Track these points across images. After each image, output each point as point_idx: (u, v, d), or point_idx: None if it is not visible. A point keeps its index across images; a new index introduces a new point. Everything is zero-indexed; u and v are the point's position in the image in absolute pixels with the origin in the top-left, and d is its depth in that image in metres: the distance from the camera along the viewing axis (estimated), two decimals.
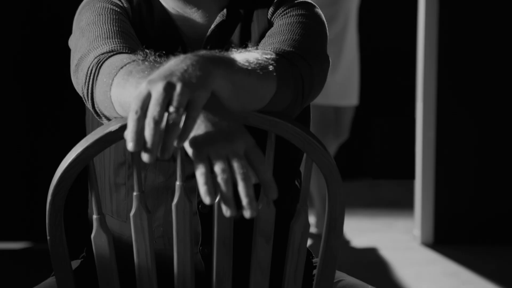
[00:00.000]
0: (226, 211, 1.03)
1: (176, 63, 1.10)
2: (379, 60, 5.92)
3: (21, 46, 4.05)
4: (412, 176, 4.66)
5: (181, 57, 1.12)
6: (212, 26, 1.50)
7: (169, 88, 1.05)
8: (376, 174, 5.12)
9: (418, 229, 4.36)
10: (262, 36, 1.50)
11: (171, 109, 1.04)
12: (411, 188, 4.98)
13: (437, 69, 4.23)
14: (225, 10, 1.50)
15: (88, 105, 1.37)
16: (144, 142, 1.03)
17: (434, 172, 4.28)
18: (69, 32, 1.54)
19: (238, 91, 1.18)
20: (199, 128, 1.08)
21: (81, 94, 1.40)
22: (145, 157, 1.03)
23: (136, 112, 1.04)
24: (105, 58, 1.34)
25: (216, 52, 1.19)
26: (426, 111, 4.26)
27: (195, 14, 1.51)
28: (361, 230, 4.63)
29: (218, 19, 1.50)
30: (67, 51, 1.53)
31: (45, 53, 4.04)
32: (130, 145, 1.03)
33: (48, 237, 1.29)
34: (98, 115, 1.37)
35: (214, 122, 1.09)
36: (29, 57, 4.05)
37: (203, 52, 1.16)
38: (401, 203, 5.35)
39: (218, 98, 1.13)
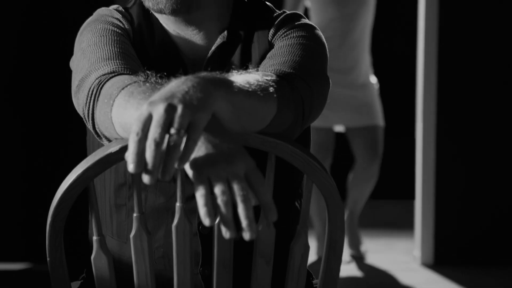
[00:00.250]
0: (226, 233, 1.03)
1: (177, 85, 1.11)
2: (378, 80, 5.94)
3: (19, 65, 4.06)
4: (412, 196, 4.65)
5: (182, 78, 1.13)
6: (213, 48, 1.51)
7: (170, 110, 1.05)
8: (376, 195, 5.11)
9: (419, 250, 4.35)
10: (262, 57, 1.50)
11: (172, 131, 1.04)
12: (411, 208, 4.97)
13: (437, 89, 4.23)
14: (225, 32, 1.51)
15: (89, 125, 1.38)
16: (145, 163, 1.03)
17: (434, 193, 4.28)
18: (71, 50, 1.55)
19: (239, 113, 1.18)
20: (200, 149, 1.08)
21: (81, 115, 1.40)
22: (145, 178, 1.03)
23: (137, 134, 1.04)
24: (106, 79, 1.35)
25: (216, 74, 1.20)
26: (426, 131, 4.26)
27: (196, 36, 1.52)
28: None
29: (219, 41, 1.51)
30: (68, 71, 1.53)
31: (45, 74, 4.05)
32: (131, 167, 1.03)
33: (48, 259, 1.29)
34: (98, 135, 1.37)
35: (215, 143, 1.09)
36: (28, 77, 4.06)
37: (204, 73, 1.16)
38: (401, 224, 5.34)
39: (218, 120, 1.14)
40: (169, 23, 1.52)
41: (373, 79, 4.28)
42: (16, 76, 4.05)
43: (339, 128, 4.38)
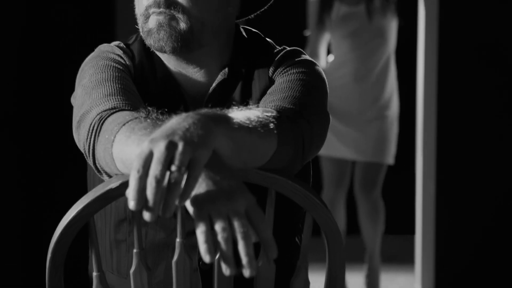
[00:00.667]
0: (226, 270, 1.03)
1: (178, 122, 1.11)
2: None
3: (20, 99, 4.07)
4: (412, 231, 4.64)
5: (183, 115, 1.13)
6: (214, 85, 1.51)
7: (171, 147, 1.06)
8: None
9: (419, 285, 4.33)
10: (263, 93, 1.51)
11: (173, 168, 1.05)
12: (411, 243, 4.95)
13: (437, 122, 4.23)
14: (226, 69, 1.52)
15: (89, 161, 1.38)
16: (146, 200, 1.04)
17: (435, 227, 4.27)
18: (72, 85, 1.56)
19: (239, 149, 1.19)
20: (200, 186, 1.09)
21: (82, 150, 1.41)
22: (146, 215, 1.04)
23: (138, 171, 1.05)
24: (107, 115, 1.36)
25: (217, 110, 1.20)
26: (426, 165, 4.26)
27: (197, 74, 1.53)
28: (362, 286, 4.60)
29: (219, 77, 1.52)
30: (68, 107, 1.54)
31: (45, 110, 4.07)
32: (131, 204, 1.04)
33: None
34: (99, 171, 1.37)
35: (215, 180, 1.09)
36: (28, 112, 4.08)
37: (204, 110, 1.17)
38: (401, 258, 5.32)
39: (219, 156, 1.14)
40: (170, 61, 1.53)
41: (395, 108, 4.22)
42: (16, 111, 4.06)
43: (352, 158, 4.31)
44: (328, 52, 4.20)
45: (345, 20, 4.01)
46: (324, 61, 4.08)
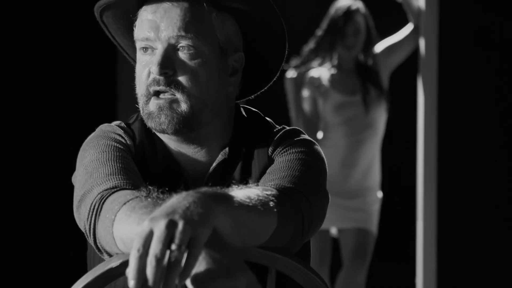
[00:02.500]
0: None
1: (178, 200, 1.12)
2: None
3: (20, 180, 4.08)
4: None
5: (183, 194, 1.14)
6: (214, 164, 1.52)
7: (171, 226, 1.06)
8: None
9: None
10: (262, 172, 1.52)
11: (173, 246, 1.05)
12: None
13: (437, 224, 4.21)
14: (227, 149, 1.53)
15: (90, 240, 1.38)
16: (146, 279, 1.04)
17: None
18: (72, 166, 1.57)
19: (239, 227, 1.19)
20: (201, 264, 1.09)
21: (83, 230, 1.41)
22: None
23: (138, 250, 1.05)
24: (108, 194, 1.36)
25: (217, 189, 1.21)
26: (426, 259, 4.20)
27: (198, 153, 1.53)
28: None
29: (220, 157, 1.52)
30: (69, 186, 1.55)
31: (45, 188, 4.07)
32: (131, 283, 1.04)
33: None
34: (99, 250, 1.37)
35: (215, 258, 1.10)
36: (28, 193, 4.08)
37: (204, 189, 1.18)
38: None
39: (219, 234, 1.14)
40: (170, 141, 1.54)
41: (379, 194, 4.23)
42: (17, 189, 4.07)
43: (334, 232, 4.29)
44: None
45: (341, 109, 4.04)
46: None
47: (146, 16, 1.47)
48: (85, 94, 4.10)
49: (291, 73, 4.12)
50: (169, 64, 1.45)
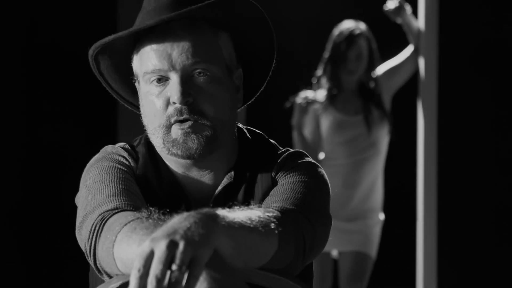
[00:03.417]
0: None
1: (179, 221, 1.12)
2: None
3: (23, 201, 4.08)
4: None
5: (184, 215, 1.14)
6: (220, 188, 1.51)
7: (172, 246, 1.06)
8: None
9: None
10: (265, 195, 1.51)
11: (174, 267, 1.05)
12: None
13: (438, 247, 4.20)
14: (232, 173, 1.52)
15: (90, 261, 1.38)
16: None
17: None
18: (74, 187, 1.57)
19: (240, 248, 1.19)
20: (201, 285, 1.09)
21: (84, 250, 1.41)
22: None
23: (139, 270, 1.05)
24: (109, 215, 1.36)
25: (218, 210, 1.21)
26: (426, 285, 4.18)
27: (204, 177, 1.52)
28: None
29: (225, 181, 1.52)
30: (71, 207, 1.55)
31: (47, 209, 4.07)
32: None
33: None
34: (99, 271, 1.37)
35: (216, 279, 1.10)
36: (30, 211, 4.08)
37: (205, 209, 1.18)
38: None
39: (220, 255, 1.14)
40: (177, 166, 1.52)
41: (381, 216, 4.21)
42: (19, 209, 4.07)
43: (335, 255, 4.27)
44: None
45: (343, 128, 4.03)
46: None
47: (152, 47, 1.45)
48: (87, 115, 4.11)
49: (300, 98, 4.11)
50: (188, 92, 1.44)
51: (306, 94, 4.08)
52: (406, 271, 5.45)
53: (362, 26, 4.03)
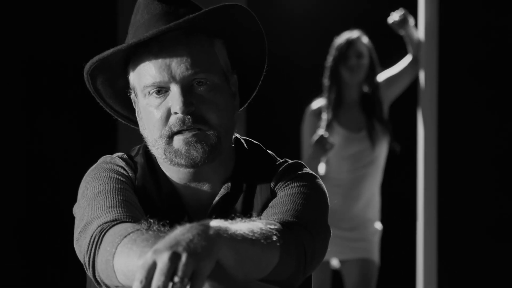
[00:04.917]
0: None
1: (182, 233, 1.12)
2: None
3: (25, 216, 4.07)
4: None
5: (187, 226, 1.14)
6: (217, 198, 1.51)
7: (174, 258, 1.06)
8: None
9: None
10: (264, 206, 1.51)
11: (176, 279, 1.05)
12: None
13: (438, 256, 4.20)
14: (229, 183, 1.52)
15: (89, 273, 1.37)
16: None
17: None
18: (72, 198, 1.56)
19: (242, 261, 1.18)
20: None
21: (82, 262, 1.40)
22: None
23: (141, 282, 1.05)
24: (108, 227, 1.35)
25: (221, 222, 1.21)
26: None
27: (202, 187, 1.52)
28: None
29: (222, 191, 1.51)
30: (70, 218, 1.54)
31: (45, 220, 4.06)
32: None
33: None
34: (98, 283, 1.36)
35: None
36: (30, 213, 4.07)
37: (208, 221, 1.17)
38: None
39: (222, 267, 1.14)
40: (176, 175, 1.52)
41: (378, 225, 4.21)
42: (20, 223, 4.06)
43: (334, 264, 4.26)
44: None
45: (347, 144, 4.04)
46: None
47: (150, 60, 1.45)
48: (86, 123, 4.11)
49: (312, 107, 4.11)
50: (190, 101, 1.44)
51: (318, 102, 4.10)
52: (406, 275, 5.44)
53: (361, 34, 4.06)
